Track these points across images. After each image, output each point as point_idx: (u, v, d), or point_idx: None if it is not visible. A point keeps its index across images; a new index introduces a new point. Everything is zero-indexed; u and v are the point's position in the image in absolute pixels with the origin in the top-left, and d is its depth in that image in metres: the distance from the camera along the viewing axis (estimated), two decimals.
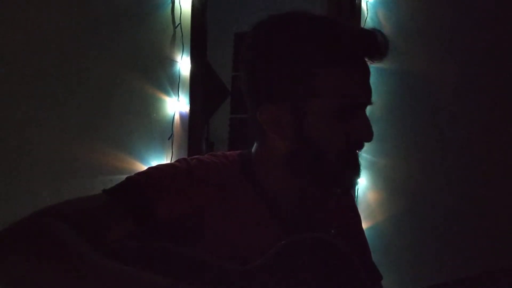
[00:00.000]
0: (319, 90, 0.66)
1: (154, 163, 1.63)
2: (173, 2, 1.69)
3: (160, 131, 1.68)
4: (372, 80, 0.73)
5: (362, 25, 1.76)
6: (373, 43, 0.66)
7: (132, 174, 0.69)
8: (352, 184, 0.75)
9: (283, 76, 0.67)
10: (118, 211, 0.63)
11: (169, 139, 1.69)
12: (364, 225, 0.94)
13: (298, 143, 0.69)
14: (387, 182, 1.73)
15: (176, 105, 1.71)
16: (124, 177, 0.69)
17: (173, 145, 1.69)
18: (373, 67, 0.72)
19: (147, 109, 1.67)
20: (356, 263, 0.67)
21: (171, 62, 1.70)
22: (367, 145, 0.74)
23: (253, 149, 0.78)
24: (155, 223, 0.65)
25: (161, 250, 0.63)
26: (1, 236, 0.56)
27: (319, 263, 0.66)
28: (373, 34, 0.66)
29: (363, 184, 1.76)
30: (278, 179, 0.74)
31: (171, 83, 1.70)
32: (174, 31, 1.70)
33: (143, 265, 0.54)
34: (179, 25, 1.70)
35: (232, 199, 0.71)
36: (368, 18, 1.77)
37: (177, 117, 1.71)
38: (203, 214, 0.68)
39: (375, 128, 0.72)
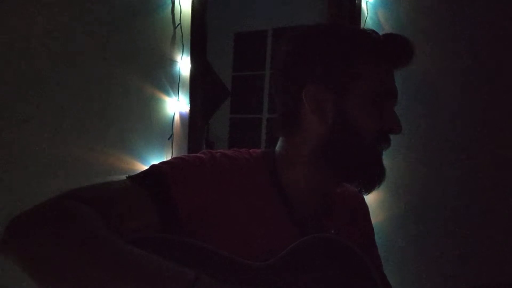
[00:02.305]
0: (361, 74, 0.72)
1: (154, 163, 1.62)
2: (173, 2, 1.69)
3: (160, 131, 1.68)
4: None
5: (362, 25, 1.76)
6: (407, 50, 0.74)
7: (132, 174, 0.69)
8: (376, 181, 0.76)
9: (331, 59, 0.73)
10: (141, 197, 0.64)
11: (169, 139, 1.69)
12: None
13: (338, 125, 0.72)
14: (387, 182, 1.71)
15: (176, 105, 1.71)
16: (123, 177, 0.68)
17: (173, 145, 1.69)
18: None
19: (147, 109, 1.67)
20: (370, 265, 0.67)
21: (171, 62, 1.70)
22: None
23: (277, 147, 0.79)
24: (176, 213, 0.65)
25: (180, 243, 0.63)
26: (25, 217, 0.57)
27: (332, 264, 0.67)
28: (408, 43, 0.74)
29: None
30: (301, 177, 0.75)
31: (171, 83, 1.70)
32: (174, 31, 1.70)
33: (162, 257, 0.54)
34: (179, 25, 1.69)
35: (252, 195, 0.72)
36: (368, 18, 1.76)
37: (177, 117, 1.71)
38: (222, 207, 0.69)
39: None
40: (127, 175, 0.67)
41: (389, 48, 0.73)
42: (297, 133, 0.75)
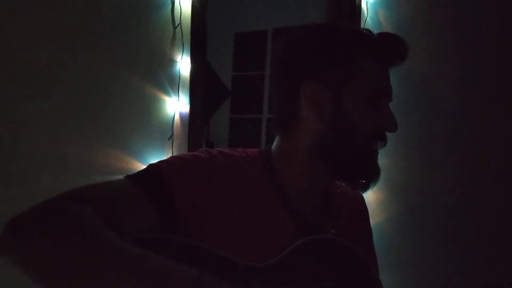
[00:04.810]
0: (358, 73, 0.73)
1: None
2: (173, 2, 1.69)
3: (160, 131, 1.69)
4: None
5: (362, 25, 1.76)
6: (401, 48, 0.75)
7: (131, 173, 0.69)
8: (372, 179, 0.75)
9: (329, 57, 0.73)
10: (139, 196, 0.64)
11: (169, 139, 1.69)
12: None
13: (336, 122, 0.72)
14: (387, 182, 1.72)
15: (176, 105, 1.71)
16: (121, 176, 0.68)
17: (173, 145, 1.69)
18: None
19: (147, 109, 1.67)
20: (370, 265, 0.67)
21: (171, 62, 1.70)
22: None
23: (274, 146, 0.79)
24: (174, 211, 0.66)
25: (179, 243, 0.63)
26: (25, 217, 0.57)
27: (333, 264, 0.67)
28: (401, 41, 0.75)
29: None
30: (297, 175, 0.76)
31: (171, 83, 1.70)
32: (174, 31, 1.70)
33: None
34: (179, 25, 1.70)
35: (249, 192, 0.72)
36: (368, 18, 1.77)
37: (177, 117, 1.71)
38: (220, 204, 0.69)
39: None
40: (125, 175, 0.67)
41: (383, 47, 0.74)
42: (294, 130, 0.76)
